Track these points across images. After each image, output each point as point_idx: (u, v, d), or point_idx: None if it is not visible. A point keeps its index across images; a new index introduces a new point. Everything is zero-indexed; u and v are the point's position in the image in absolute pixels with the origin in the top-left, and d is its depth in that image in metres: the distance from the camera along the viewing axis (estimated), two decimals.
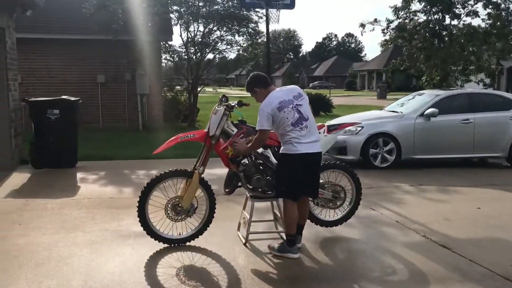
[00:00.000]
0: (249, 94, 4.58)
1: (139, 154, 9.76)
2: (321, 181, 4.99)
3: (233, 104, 4.57)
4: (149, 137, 12.97)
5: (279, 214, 4.85)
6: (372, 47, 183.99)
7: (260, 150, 4.66)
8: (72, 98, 8.87)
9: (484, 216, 5.90)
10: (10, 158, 8.30)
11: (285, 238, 4.58)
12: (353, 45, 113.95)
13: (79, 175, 8.15)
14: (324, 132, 4.94)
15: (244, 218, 4.90)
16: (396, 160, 9.01)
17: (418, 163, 9.32)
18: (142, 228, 4.57)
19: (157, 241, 4.60)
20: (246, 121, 4.78)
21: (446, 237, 5.07)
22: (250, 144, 4.41)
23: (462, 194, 7.09)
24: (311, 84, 71.29)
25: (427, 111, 9.08)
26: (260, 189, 4.71)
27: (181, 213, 4.56)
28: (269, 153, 4.71)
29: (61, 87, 14.58)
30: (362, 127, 8.95)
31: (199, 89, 16.93)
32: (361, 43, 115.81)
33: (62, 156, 8.58)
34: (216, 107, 4.64)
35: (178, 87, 18.29)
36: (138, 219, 4.55)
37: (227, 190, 4.80)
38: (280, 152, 4.39)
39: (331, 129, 4.95)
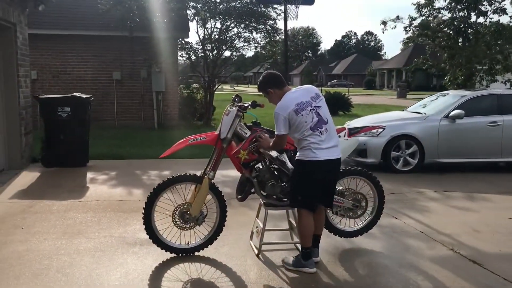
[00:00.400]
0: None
1: (152, 154, 9.49)
2: (340, 188, 4.66)
3: (246, 105, 4.25)
4: (163, 135, 12.75)
5: (294, 223, 4.51)
6: (391, 45, 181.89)
7: (275, 154, 4.32)
8: (84, 96, 8.64)
9: None
10: (20, 157, 8.10)
11: (300, 250, 4.24)
12: (372, 44, 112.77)
13: (89, 174, 7.92)
14: (344, 136, 4.59)
15: (257, 227, 4.57)
16: (419, 163, 8.59)
17: (442, 168, 8.88)
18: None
19: (163, 250, 4.30)
20: (261, 123, 4.44)
21: (476, 251, 4.67)
22: (272, 144, 4.10)
23: (491, 202, 6.65)
24: (329, 83, 70.68)
25: (452, 113, 8.63)
26: (274, 196, 4.38)
27: (190, 221, 4.25)
28: (285, 157, 4.37)
29: (77, 84, 14.52)
30: (384, 128, 8.54)
31: (216, 87, 16.66)
32: (381, 41, 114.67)
33: (73, 155, 8.36)
34: (228, 108, 4.32)
35: (195, 85, 18.06)
36: (144, 226, 4.26)
37: (239, 196, 4.47)
38: (296, 158, 4.05)
39: (353, 132, 4.61)
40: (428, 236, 5.11)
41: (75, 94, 8.70)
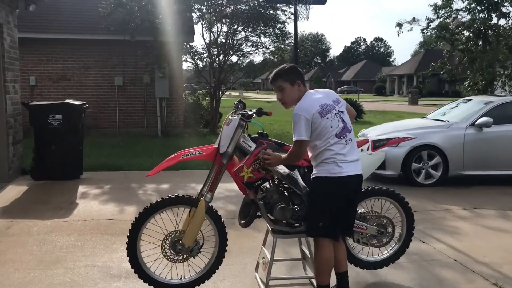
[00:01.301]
0: (274, 98, 3.53)
1: (152, 164, 8.77)
2: (362, 210, 3.93)
3: (250, 113, 3.54)
4: (167, 144, 12.11)
5: (308, 253, 3.78)
6: (401, 52, 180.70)
7: (285, 171, 3.60)
8: (77, 102, 7.99)
9: None
10: (7, 169, 7.46)
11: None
12: (382, 50, 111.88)
13: (81, 188, 7.24)
14: (368, 149, 3.86)
15: (263, 257, 3.84)
16: (442, 176, 7.83)
17: (467, 181, 8.10)
18: None
19: (151, 287, 3.60)
20: (268, 134, 3.73)
21: None
22: (284, 157, 3.37)
23: None
24: (339, 89, 69.86)
25: (479, 120, 7.87)
26: (284, 222, 3.66)
27: (182, 252, 3.53)
28: (297, 175, 3.65)
29: (77, 90, 13.96)
30: (415, 139, 7.71)
31: (222, 93, 16.00)
32: (391, 47, 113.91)
33: (65, 166, 7.71)
34: (230, 116, 3.61)
35: (201, 91, 17.42)
36: (128, 258, 3.56)
37: (242, 221, 3.75)
38: (316, 175, 3.31)
39: (378, 145, 3.86)
40: (464, 266, 4.36)
41: (67, 100, 8.05)
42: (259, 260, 3.97)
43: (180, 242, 3.52)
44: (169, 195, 3.59)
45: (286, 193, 3.69)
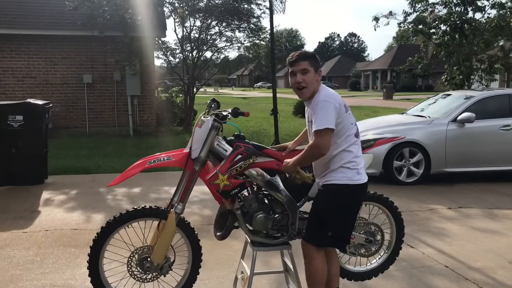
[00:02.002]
0: (252, 94, 3.18)
1: (123, 166, 8.33)
2: None
3: (225, 114, 3.16)
4: (139, 143, 11.65)
5: (290, 265, 3.43)
6: (375, 47, 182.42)
7: (264, 176, 3.24)
8: (40, 102, 7.47)
9: None
10: None
11: None
12: (356, 45, 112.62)
13: (45, 194, 6.75)
14: None
15: (242, 272, 3.48)
16: (424, 174, 7.60)
17: (450, 178, 7.91)
18: None
19: None
20: (245, 136, 3.36)
21: None
22: (300, 155, 2.94)
23: None
24: None
25: (461, 116, 7.67)
26: (265, 232, 3.31)
27: (151, 270, 3.15)
28: (278, 181, 3.30)
29: (43, 89, 13.33)
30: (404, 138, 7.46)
31: (197, 89, 15.55)
32: (364, 42, 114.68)
33: (27, 170, 7.19)
34: (202, 117, 3.23)
35: (174, 88, 16.93)
36: (90, 278, 3.16)
37: (218, 233, 3.38)
38: (333, 182, 2.95)
39: (366, 146, 3.53)
40: (456, 273, 4.09)
41: (29, 100, 7.51)
42: (237, 275, 3.61)
43: (149, 259, 3.13)
44: (135, 207, 3.19)
45: (266, 201, 3.35)
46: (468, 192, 7.11)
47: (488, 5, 12.92)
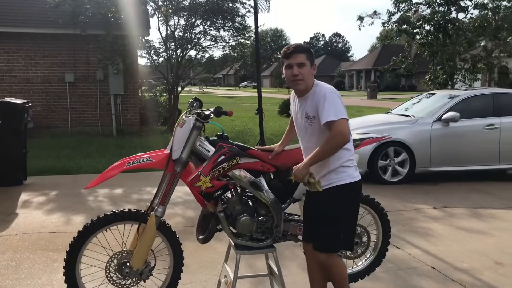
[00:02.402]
0: (238, 94, 3.08)
1: (106, 166, 8.13)
2: None
3: (207, 113, 3.06)
4: (122, 143, 11.47)
5: (275, 268, 3.35)
6: (359, 47, 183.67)
7: (248, 177, 3.15)
8: (18, 101, 7.27)
9: None
10: None
11: None
12: (340, 45, 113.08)
13: (24, 196, 6.57)
14: None
15: (225, 276, 3.39)
16: (409, 173, 7.59)
17: (434, 177, 7.91)
18: None
19: None
20: (228, 137, 3.27)
21: None
22: (317, 151, 2.70)
23: (501, 220, 5.66)
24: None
25: (446, 115, 7.67)
26: (249, 235, 3.22)
27: (131, 276, 3.04)
28: (262, 182, 3.21)
29: (24, 88, 13.08)
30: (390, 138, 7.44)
31: (181, 89, 15.40)
32: (348, 42, 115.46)
33: (5, 171, 7.00)
34: (183, 117, 3.13)
35: (158, 88, 16.76)
36: (66, 285, 3.04)
37: (201, 237, 3.28)
38: (337, 183, 2.84)
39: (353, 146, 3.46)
40: (443, 274, 4.04)
41: (7, 99, 7.31)
42: (220, 279, 3.51)
43: (128, 264, 3.03)
44: (114, 210, 3.08)
45: (250, 203, 3.27)
46: (452, 192, 7.11)
47: (471, 6, 13.02)
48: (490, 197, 6.81)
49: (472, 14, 13.14)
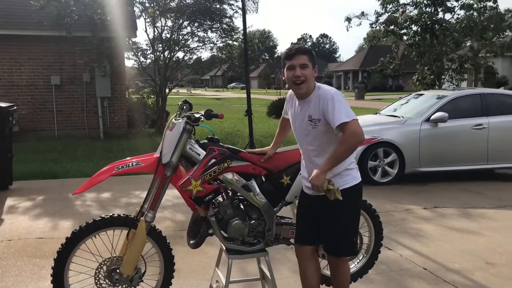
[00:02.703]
0: (226, 95, 3.04)
1: (93, 170, 8.09)
2: None
3: (198, 116, 3.01)
4: (110, 146, 11.35)
5: (267, 272, 3.31)
6: (346, 48, 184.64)
7: (239, 180, 3.11)
8: (3, 104, 7.14)
9: None
10: None
11: None
12: (327, 46, 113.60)
13: (9, 201, 6.45)
14: None
15: (217, 281, 3.34)
16: (399, 174, 7.60)
17: (424, 177, 7.93)
18: None
19: None
20: (219, 139, 3.22)
21: None
22: (333, 153, 2.64)
23: (491, 220, 5.68)
24: (287, 85, 70.15)
25: (434, 116, 7.69)
26: (240, 239, 3.18)
27: (120, 282, 2.97)
28: (254, 185, 3.17)
29: (9, 91, 12.88)
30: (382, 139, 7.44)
31: (169, 90, 15.31)
32: (336, 43, 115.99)
33: None
34: (173, 120, 3.08)
35: (145, 90, 16.64)
36: None
37: (192, 242, 3.23)
38: (348, 185, 2.82)
39: None
40: (435, 275, 4.04)
41: None
42: (212, 284, 3.46)
43: (118, 270, 2.96)
44: (103, 216, 3.01)
45: (242, 207, 3.22)
46: (442, 192, 7.13)
47: (457, 6, 13.11)
48: (479, 196, 6.84)
49: (458, 14, 13.25)
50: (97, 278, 2.97)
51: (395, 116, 8.34)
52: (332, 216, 2.85)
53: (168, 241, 3.14)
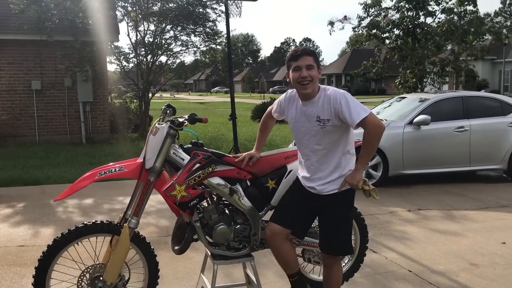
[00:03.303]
0: (210, 99, 3.02)
1: (75, 176, 7.97)
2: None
3: (181, 120, 2.98)
4: (92, 152, 11.21)
5: (253, 277, 3.28)
6: (329, 51, 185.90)
7: (223, 184, 3.08)
8: None
9: None
10: None
11: None
12: None
13: None
14: None
15: (202, 287, 3.30)
16: (382, 176, 7.64)
17: (407, 180, 7.99)
18: None
19: None
20: (203, 144, 3.19)
21: None
22: (365, 149, 2.85)
23: (474, 221, 5.74)
24: (271, 89, 70.42)
25: (417, 118, 7.75)
26: (226, 245, 3.15)
27: None
28: (239, 190, 3.14)
29: None
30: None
31: (152, 95, 15.21)
32: (319, 47, 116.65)
33: None
34: (157, 125, 3.04)
35: (128, 94, 16.51)
36: None
37: (176, 247, 3.19)
38: (347, 187, 2.93)
39: None
40: (419, 277, 4.05)
41: None
42: None
43: (101, 278, 2.91)
44: (85, 222, 2.96)
45: (227, 212, 3.19)
46: (425, 194, 7.19)
47: (438, 10, 13.29)
48: (462, 198, 6.91)
49: (440, 18, 13.44)
50: (80, 286, 2.91)
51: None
52: (332, 214, 2.94)
53: (152, 247, 3.10)
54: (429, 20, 13.49)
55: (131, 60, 14.49)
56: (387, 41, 13.68)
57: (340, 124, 2.81)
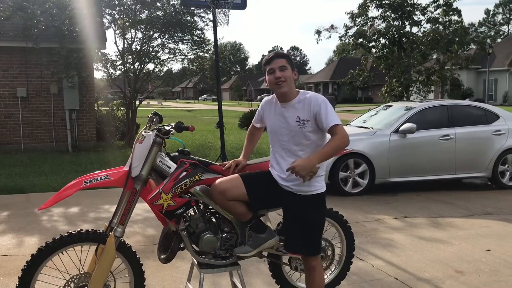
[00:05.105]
0: (197, 107, 3.04)
1: (61, 184, 7.87)
2: None
3: (168, 128, 2.98)
4: (78, 160, 11.11)
5: (239, 285, 3.27)
6: (316, 60, 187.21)
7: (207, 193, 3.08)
8: None
9: (502, 263, 4.58)
10: None
11: None
12: (298, 58, 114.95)
13: None
14: None
15: None
16: (369, 184, 7.69)
17: (393, 188, 8.05)
18: None
19: None
20: (190, 152, 3.19)
21: None
22: (326, 149, 2.85)
23: (459, 229, 5.79)
24: (258, 97, 70.50)
25: (403, 127, 7.83)
26: (212, 253, 3.14)
27: None
28: None
29: None
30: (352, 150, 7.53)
31: (139, 102, 15.15)
32: (306, 56, 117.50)
33: None
34: (143, 133, 3.03)
35: (115, 102, 16.41)
36: None
37: (162, 256, 3.17)
38: (318, 191, 3.03)
39: None
40: (406, 285, 4.07)
41: None
42: None
43: (86, 287, 2.87)
44: (70, 231, 2.93)
45: (213, 220, 3.19)
46: (411, 201, 7.24)
47: (424, 20, 13.47)
48: (447, 206, 6.97)
49: (425, 28, 13.62)
50: None
51: (365, 128, 8.45)
52: (299, 213, 3.00)
53: (138, 256, 3.07)
54: (414, 29, 13.69)
55: (118, 68, 14.41)
56: (374, 50, 13.82)
57: (316, 129, 2.93)
